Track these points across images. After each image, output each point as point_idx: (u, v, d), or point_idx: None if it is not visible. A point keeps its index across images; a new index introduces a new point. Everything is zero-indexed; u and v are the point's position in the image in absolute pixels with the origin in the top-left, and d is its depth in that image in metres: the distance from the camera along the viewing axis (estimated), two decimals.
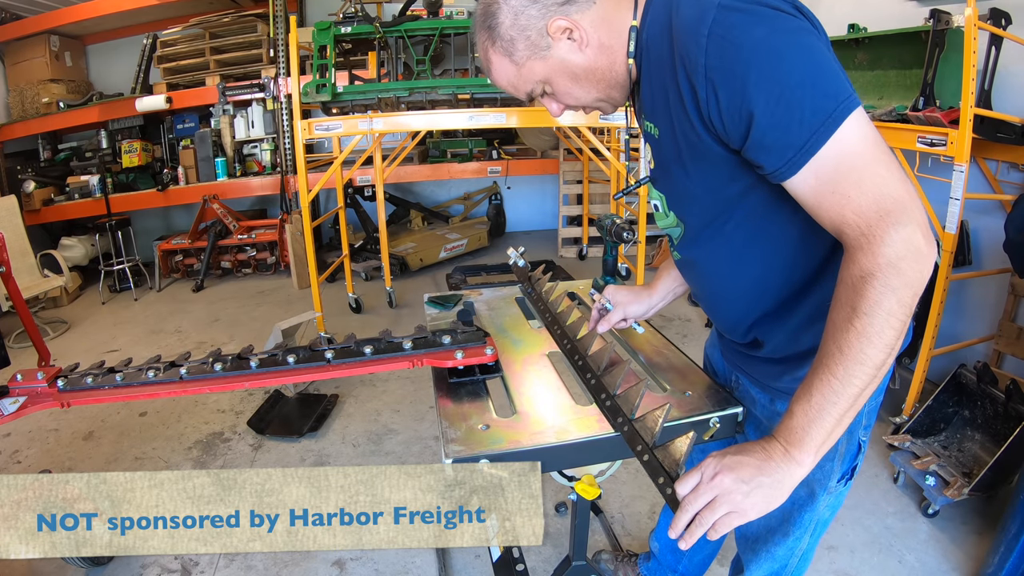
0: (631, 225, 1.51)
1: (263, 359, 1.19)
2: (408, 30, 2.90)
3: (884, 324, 0.66)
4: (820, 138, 0.67)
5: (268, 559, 1.87)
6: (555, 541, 1.91)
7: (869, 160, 0.68)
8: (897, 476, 2.13)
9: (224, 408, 2.83)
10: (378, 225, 4.03)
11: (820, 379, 0.69)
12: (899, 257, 0.65)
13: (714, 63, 0.70)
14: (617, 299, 1.20)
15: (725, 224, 0.87)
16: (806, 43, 0.69)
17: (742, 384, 1.08)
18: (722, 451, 0.75)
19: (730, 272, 0.93)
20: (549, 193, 6.09)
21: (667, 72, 0.78)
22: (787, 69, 0.68)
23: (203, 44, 4.95)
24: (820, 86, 0.68)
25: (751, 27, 0.69)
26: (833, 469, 0.97)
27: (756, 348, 1.00)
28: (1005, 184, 2.53)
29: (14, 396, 1.26)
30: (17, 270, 3.09)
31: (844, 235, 0.70)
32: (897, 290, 0.65)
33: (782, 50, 0.68)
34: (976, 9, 1.90)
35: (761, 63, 0.68)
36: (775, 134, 0.69)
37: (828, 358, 0.69)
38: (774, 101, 0.68)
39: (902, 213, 0.66)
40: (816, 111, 0.67)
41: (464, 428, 0.97)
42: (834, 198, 0.69)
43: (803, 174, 0.70)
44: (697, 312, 3.80)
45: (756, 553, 1.11)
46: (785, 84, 0.68)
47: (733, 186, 0.82)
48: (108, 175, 4.89)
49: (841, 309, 0.69)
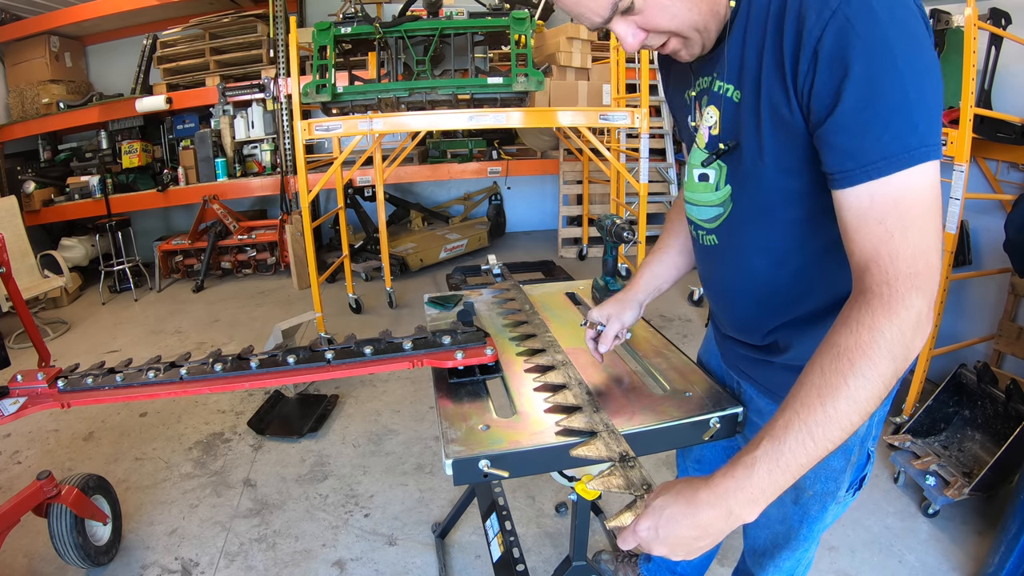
0: (631, 225, 1.51)
1: (263, 359, 1.19)
2: (408, 30, 2.90)
3: (874, 392, 0.63)
4: (888, 166, 0.64)
5: (268, 559, 1.87)
6: (555, 541, 1.91)
7: (924, 214, 0.65)
8: (897, 476, 2.13)
9: (224, 408, 2.83)
10: (378, 225, 4.04)
11: (795, 437, 0.64)
12: (910, 326, 0.64)
13: (829, 42, 0.64)
14: (606, 313, 1.12)
15: (782, 214, 0.80)
16: (927, 66, 0.65)
17: (746, 393, 1.03)
18: (657, 505, 0.69)
19: (770, 267, 0.85)
20: (549, 193, 6.09)
21: (772, 30, 0.70)
22: (893, 83, 0.63)
23: (203, 44, 4.95)
24: (914, 119, 0.64)
25: (883, 22, 0.63)
26: (843, 481, 0.95)
27: (774, 353, 0.93)
28: (1005, 184, 2.53)
29: (14, 397, 1.27)
30: (17, 271, 3.09)
31: (868, 273, 0.67)
32: (896, 359, 0.63)
33: (900, 61, 0.63)
34: (976, 9, 1.90)
35: (872, 62, 0.63)
36: (847, 137, 0.66)
37: (808, 412, 0.64)
38: (862, 105, 0.64)
39: (927, 281, 0.64)
40: (897, 138, 0.63)
41: (464, 428, 0.97)
42: (878, 228, 0.65)
43: (858, 191, 0.66)
44: (697, 312, 3.80)
45: (763, 567, 1.10)
46: (883, 96, 0.63)
47: (805, 174, 0.75)
48: (108, 175, 4.89)
49: (838, 359, 0.64)
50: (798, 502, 0.99)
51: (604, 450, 0.87)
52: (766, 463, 0.64)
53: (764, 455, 0.65)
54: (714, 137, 0.85)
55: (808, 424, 0.64)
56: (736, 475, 0.65)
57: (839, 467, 0.94)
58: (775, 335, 0.91)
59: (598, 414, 0.96)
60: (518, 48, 2.88)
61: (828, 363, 0.65)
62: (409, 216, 5.54)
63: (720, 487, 0.66)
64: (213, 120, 5.12)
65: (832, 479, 0.95)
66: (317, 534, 1.98)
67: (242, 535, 1.98)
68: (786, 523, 1.02)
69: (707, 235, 0.93)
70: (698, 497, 0.66)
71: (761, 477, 0.64)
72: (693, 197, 0.93)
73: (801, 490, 0.97)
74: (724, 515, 0.65)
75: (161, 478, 2.30)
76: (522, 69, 2.79)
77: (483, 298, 1.61)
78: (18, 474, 2.35)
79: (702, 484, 0.67)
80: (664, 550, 0.68)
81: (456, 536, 1.95)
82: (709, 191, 0.88)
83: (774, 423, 0.66)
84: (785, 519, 1.02)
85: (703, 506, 0.66)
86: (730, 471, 0.66)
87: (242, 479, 2.29)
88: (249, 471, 2.34)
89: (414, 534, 1.97)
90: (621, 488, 0.79)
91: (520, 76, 2.79)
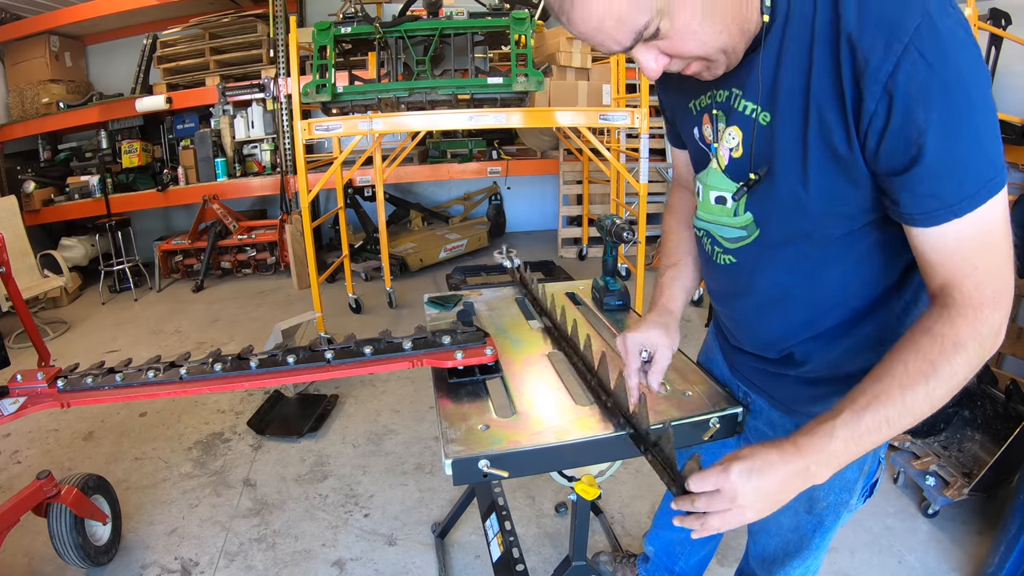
0: (631, 225, 1.51)
1: (263, 359, 1.19)
2: (408, 30, 2.90)
3: (948, 391, 0.68)
4: (970, 204, 0.65)
5: (268, 559, 1.87)
6: (555, 541, 1.91)
7: (1002, 240, 0.68)
8: (897, 476, 2.13)
9: (224, 408, 2.83)
10: (378, 225, 4.03)
11: (873, 416, 0.68)
12: (988, 339, 0.68)
13: (902, 80, 0.61)
14: (652, 341, 0.97)
15: (816, 244, 0.79)
16: (988, 91, 0.64)
17: (755, 404, 1.02)
18: (747, 454, 0.70)
19: (798, 287, 0.84)
20: (549, 193, 6.09)
21: (823, 53, 0.66)
22: (971, 123, 0.63)
23: (203, 44, 4.96)
24: (989, 150, 0.64)
25: (953, 55, 0.61)
26: (856, 491, 0.96)
27: (790, 367, 0.92)
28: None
29: (14, 396, 1.27)
30: (17, 270, 3.09)
31: (948, 294, 0.69)
32: (973, 367, 0.68)
33: (973, 94, 0.62)
34: (976, 9, 1.90)
35: (952, 103, 0.62)
36: (930, 183, 0.65)
37: (888, 398, 0.68)
38: (944, 152, 0.63)
39: (1005, 299, 0.68)
40: (978, 176, 0.64)
41: (464, 428, 0.97)
42: (961, 263, 0.68)
43: (941, 230, 0.67)
44: (697, 312, 3.80)
45: (773, 574, 1.10)
46: (962, 136, 0.63)
47: (850, 201, 0.73)
48: (108, 175, 4.90)
49: (919, 360, 0.68)
50: (812, 512, 0.98)
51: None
52: (844, 432, 0.68)
53: (843, 425, 0.68)
54: (736, 160, 0.80)
55: (887, 408, 0.68)
56: (817, 436, 0.69)
57: (853, 477, 0.94)
58: (792, 349, 0.91)
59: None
60: (518, 48, 2.88)
61: (911, 359, 0.68)
62: (409, 216, 5.54)
63: (803, 445, 0.69)
64: (213, 120, 5.12)
65: (846, 490, 0.95)
66: (317, 534, 1.98)
67: (242, 535, 1.98)
68: (798, 532, 1.02)
69: (724, 254, 0.90)
70: (786, 450, 0.69)
71: (838, 444, 0.68)
72: (709, 216, 0.89)
73: (815, 501, 0.97)
74: (803, 471, 0.69)
75: (161, 478, 2.30)
76: (522, 69, 2.79)
77: (483, 298, 1.61)
78: (18, 474, 2.35)
79: (786, 441, 0.70)
80: (751, 497, 0.68)
81: (456, 536, 1.95)
82: (727, 215, 0.85)
83: (855, 400, 0.69)
84: (798, 528, 1.01)
85: (792, 457, 0.69)
86: (811, 432, 0.69)
87: (242, 479, 2.29)
88: (249, 471, 2.34)
89: (414, 534, 1.97)
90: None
91: (520, 76, 2.79)
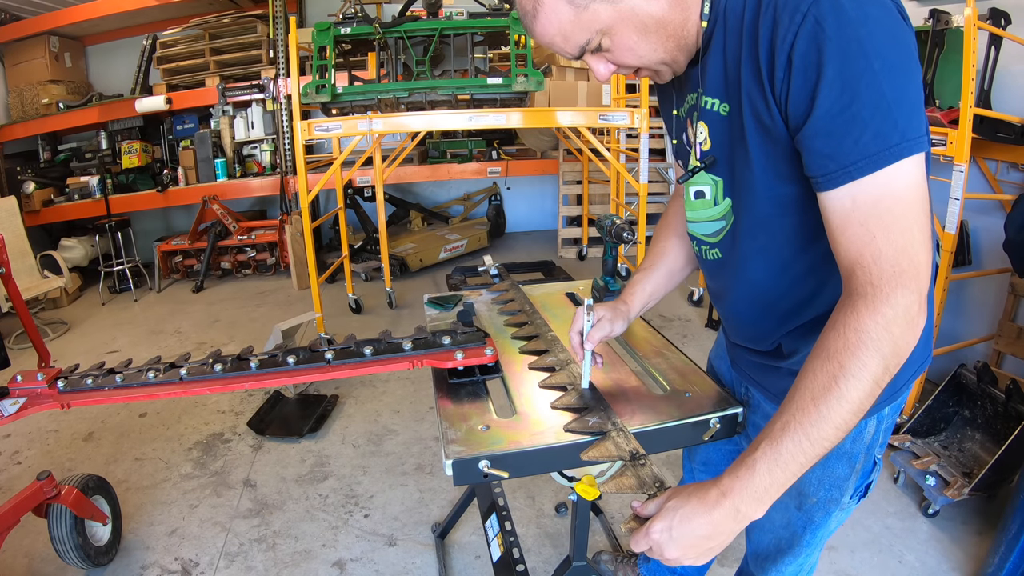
0: (631, 225, 1.51)
1: (263, 360, 1.19)
2: (408, 31, 2.91)
3: (865, 389, 0.65)
4: (868, 166, 0.64)
5: (268, 559, 1.87)
6: (555, 541, 1.91)
7: (907, 211, 0.65)
8: (897, 476, 2.13)
9: (224, 409, 2.83)
10: (378, 226, 4.03)
11: (791, 439, 0.66)
12: (896, 323, 0.64)
13: (801, 46, 0.64)
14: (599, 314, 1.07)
15: (779, 221, 0.80)
16: (902, 60, 0.64)
17: (754, 398, 1.03)
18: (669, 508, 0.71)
19: (772, 276, 0.86)
20: (549, 193, 6.09)
21: (747, 40, 0.71)
22: (868, 83, 0.63)
23: (203, 45, 4.95)
24: (893, 114, 0.63)
25: (854, 21, 0.62)
26: (847, 489, 0.95)
27: (779, 358, 0.93)
28: (1005, 184, 2.54)
29: (14, 397, 1.27)
30: (17, 271, 3.09)
31: (853, 276, 0.68)
32: (886, 356, 0.65)
33: (875, 58, 0.62)
34: (976, 9, 1.90)
35: (845, 64, 0.63)
36: (826, 141, 0.66)
37: (803, 415, 0.66)
38: (839, 109, 0.64)
39: (912, 279, 0.65)
40: (877, 137, 0.63)
41: (464, 429, 0.97)
42: (860, 231, 0.66)
43: (839, 193, 0.67)
44: (697, 312, 3.80)
45: (766, 572, 1.10)
46: (858, 96, 0.63)
47: (796, 181, 0.75)
48: (108, 176, 4.89)
49: (827, 362, 0.66)
50: (802, 508, 0.98)
51: (614, 450, 0.87)
52: (765, 463, 0.67)
53: (763, 456, 0.67)
54: (705, 153, 0.86)
55: (803, 425, 0.66)
56: (740, 475, 0.68)
57: (843, 475, 0.93)
58: (780, 340, 0.92)
59: (606, 413, 0.96)
60: (518, 48, 2.88)
61: (819, 366, 0.67)
62: (409, 216, 5.54)
63: (726, 486, 0.69)
64: (213, 120, 5.12)
65: (836, 486, 0.94)
66: (317, 534, 1.98)
67: (242, 535, 1.98)
68: (789, 528, 1.02)
69: (710, 250, 0.93)
70: (709, 496, 0.69)
71: (762, 476, 0.67)
72: (693, 215, 0.93)
73: (805, 496, 0.97)
74: (733, 513, 0.68)
75: (161, 478, 2.30)
76: (522, 69, 2.80)
77: (483, 298, 1.61)
78: (18, 474, 2.35)
79: (711, 484, 0.70)
80: (676, 552, 0.69)
81: (456, 536, 1.95)
82: (707, 207, 0.90)
83: (772, 425, 0.69)
84: (789, 524, 1.01)
85: (714, 505, 0.68)
86: (734, 472, 0.69)
87: (242, 479, 2.29)
88: (249, 471, 2.34)
89: (414, 534, 1.97)
90: (633, 488, 0.79)
91: (520, 76, 2.79)
